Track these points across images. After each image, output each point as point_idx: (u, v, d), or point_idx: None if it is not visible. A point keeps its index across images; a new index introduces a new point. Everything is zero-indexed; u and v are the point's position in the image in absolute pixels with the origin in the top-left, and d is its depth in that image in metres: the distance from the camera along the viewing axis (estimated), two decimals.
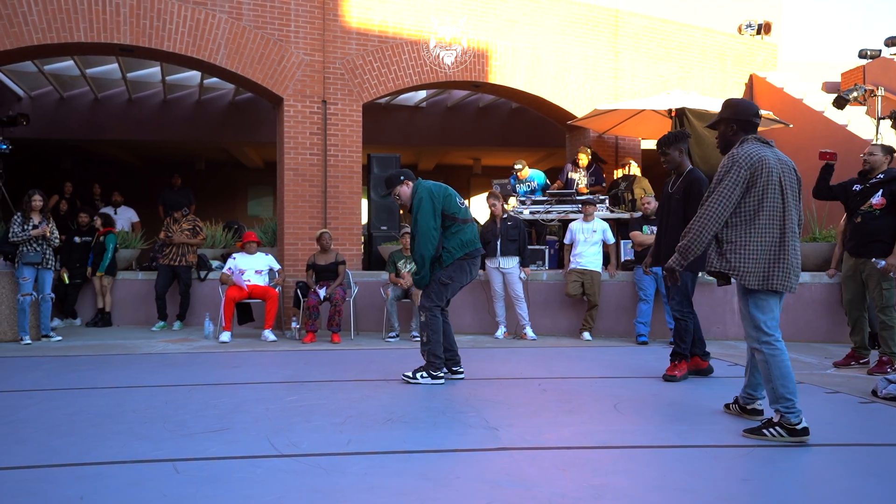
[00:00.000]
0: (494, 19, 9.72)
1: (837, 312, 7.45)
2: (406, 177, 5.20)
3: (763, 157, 3.52)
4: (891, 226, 5.50)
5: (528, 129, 13.61)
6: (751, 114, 3.72)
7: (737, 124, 3.71)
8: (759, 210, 3.51)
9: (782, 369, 3.47)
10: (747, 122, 3.71)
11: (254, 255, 7.91)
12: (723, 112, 3.79)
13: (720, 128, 3.80)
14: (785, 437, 3.45)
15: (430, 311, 5.08)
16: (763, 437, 3.50)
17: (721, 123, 3.79)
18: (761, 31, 12.23)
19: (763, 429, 3.53)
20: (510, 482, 2.88)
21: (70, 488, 2.79)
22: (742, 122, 3.71)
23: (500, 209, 7.79)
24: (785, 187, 3.54)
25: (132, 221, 10.57)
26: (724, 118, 3.76)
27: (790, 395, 3.44)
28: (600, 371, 5.82)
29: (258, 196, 17.46)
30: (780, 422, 3.48)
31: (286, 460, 3.16)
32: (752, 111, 3.73)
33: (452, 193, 5.15)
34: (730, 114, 3.74)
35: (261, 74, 8.67)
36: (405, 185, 5.17)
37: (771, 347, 3.51)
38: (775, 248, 3.50)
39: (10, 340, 7.36)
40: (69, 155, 15.12)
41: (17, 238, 7.24)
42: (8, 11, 7.77)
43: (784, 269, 3.49)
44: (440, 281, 5.08)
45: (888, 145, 5.91)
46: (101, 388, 4.88)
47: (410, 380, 5.01)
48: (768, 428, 3.51)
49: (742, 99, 4.06)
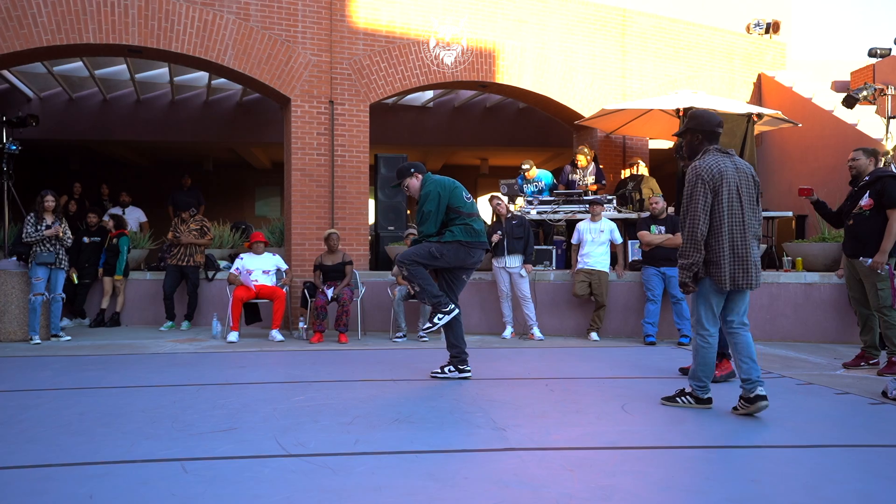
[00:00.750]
0: (502, 19, 9.72)
1: (847, 313, 7.40)
2: (416, 169, 5.28)
3: (722, 168, 3.96)
4: (880, 225, 5.55)
5: (536, 129, 13.59)
6: (714, 124, 4.11)
7: (702, 134, 4.11)
8: (723, 218, 3.95)
9: (707, 359, 4.15)
10: (711, 132, 4.11)
11: (261, 255, 7.93)
12: (689, 123, 4.19)
13: (686, 137, 4.20)
14: (693, 405, 4.22)
15: (410, 265, 5.02)
16: (676, 404, 4.26)
17: (687, 133, 4.19)
18: (770, 30, 12.17)
19: (677, 397, 4.29)
20: (518, 483, 2.88)
21: (79, 487, 2.80)
22: (707, 133, 4.11)
23: (504, 208, 7.78)
24: (742, 195, 3.99)
25: (140, 221, 10.62)
26: (690, 128, 4.16)
27: (704, 378, 4.19)
28: (608, 371, 5.81)
29: (266, 196, 17.51)
30: (692, 393, 4.23)
31: (294, 460, 3.16)
32: (714, 121, 4.12)
33: (460, 187, 5.20)
34: (695, 124, 4.14)
35: (268, 75, 8.69)
36: (415, 177, 5.24)
37: (703, 339, 4.12)
38: (740, 250, 3.98)
39: (20, 340, 7.40)
40: (78, 155, 15.20)
41: (31, 238, 7.29)
42: (18, 13, 7.82)
43: (747, 269, 3.98)
44: (430, 251, 5.03)
45: (870, 148, 6.00)
46: (109, 387, 4.90)
47: (431, 330, 5.16)
48: (681, 396, 4.28)
49: (706, 110, 4.37)
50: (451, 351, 5.23)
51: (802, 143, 10.80)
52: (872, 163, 5.83)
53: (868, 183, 5.69)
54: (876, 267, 5.54)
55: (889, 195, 5.49)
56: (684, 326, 7.26)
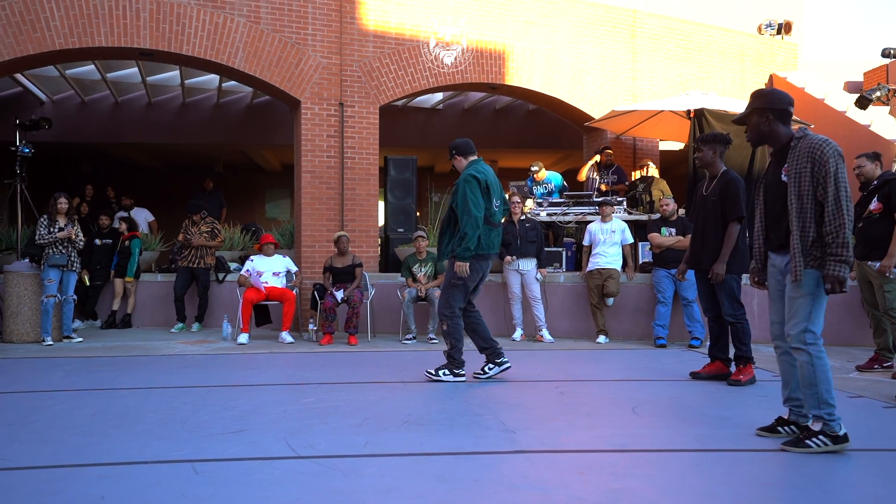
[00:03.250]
0: (511, 21, 9.71)
1: (860, 315, 7.35)
2: (468, 153, 5.21)
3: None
4: (889, 229, 5.54)
5: (545, 131, 13.57)
6: (786, 102, 3.54)
7: (773, 113, 3.51)
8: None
9: (828, 374, 3.36)
10: (784, 111, 3.52)
11: (271, 257, 7.96)
12: (756, 102, 3.58)
13: (752, 118, 3.57)
14: (831, 447, 3.29)
15: (451, 318, 5.17)
16: (809, 449, 3.30)
17: (754, 113, 3.56)
18: (781, 31, 12.09)
19: (807, 440, 3.34)
20: (527, 485, 2.87)
21: (91, 488, 2.82)
22: (778, 112, 3.52)
23: (519, 210, 7.77)
24: None
25: (148, 221, 10.68)
26: (759, 108, 3.55)
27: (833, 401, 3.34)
28: (618, 374, 5.78)
29: (276, 198, 17.57)
30: (823, 431, 3.33)
31: (304, 462, 3.17)
32: (787, 99, 3.55)
33: (494, 190, 5.13)
34: (764, 103, 3.54)
35: (278, 77, 8.73)
36: (462, 159, 5.19)
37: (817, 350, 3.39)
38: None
39: (33, 341, 7.46)
40: (90, 158, 15.31)
41: (44, 240, 7.34)
42: (31, 17, 7.89)
43: None
44: (451, 283, 5.15)
45: (873, 152, 6.00)
46: (121, 388, 4.92)
47: (433, 377, 5.13)
48: (811, 439, 3.33)
49: (772, 88, 3.94)
50: (484, 352, 5.29)
51: None
52: (878, 166, 5.86)
53: (876, 187, 5.69)
54: (884, 271, 5.52)
55: None
56: (695, 329, 7.23)
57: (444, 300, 5.24)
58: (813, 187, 3.34)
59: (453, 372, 5.12)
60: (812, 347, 3.33)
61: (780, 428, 3.60)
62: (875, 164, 5.83)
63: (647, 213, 8.78)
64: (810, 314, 3.33)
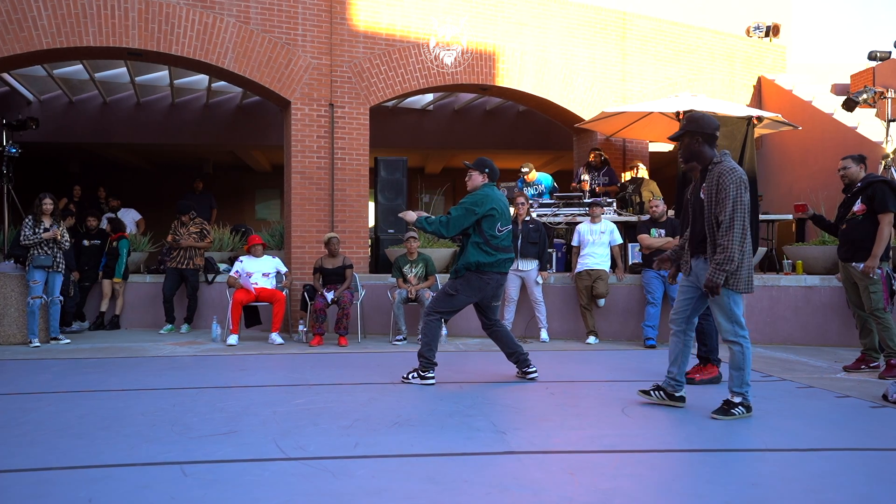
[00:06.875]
0: (503, 22, 9.73)
1: (847, 316, 7.39)
2: (490, 173, 5.19)
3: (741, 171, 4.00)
4: (872, 230, 5.61)
5: (536, 133, 13.60)
6: (714, 127, 4.10)
7: (702, 136, 4.09)
8: (748, 223, 3.94)
9: (749, 362, 4.09)
10: (711, 135, 4.10)
11: (260, 258, 7.93)
12: (688, 125, 4.14)
13: (685, 139, 4.15)
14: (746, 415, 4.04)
15: (430, 317, 5.21)
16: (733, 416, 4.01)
17: (686, 135, 4.14)
18: (770, 34, 12.18)
19: (731, 409, 4.04)
20: (518, 486, 2.87)
21: (80, 490, 2.80)
22: (707, 136, 4.09)
23: (524, 210, 7.78)
24: None
25: (136, 220, 10.62)
26: (690, 130, 4.12)
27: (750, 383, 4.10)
28: (608, 374, 5.80)
29: (266, 199, 17.51)
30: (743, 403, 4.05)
31: (293, 463, 3.16)
32: (714, 125, 4.11)
33: (500, 214, 5.10)
34: (695, 127, 4.11)
35: (268, 78, 8.70)
36: (480, 176, 5.16)
37: (746, 341, 4.06)
38: (749, 256, 4.03)
39: (19, 343, 7.40)
40: (78, 158, 15.20)
41: (29, 241, 7.28)
42: (18, 16, 7.82)
43: (752, 274, 4.05)
44: (446, 291, 5.22)
45: (859, 154, 6.07)
46: (109, 390, 4.89)
47: (405, 380, 5.18)
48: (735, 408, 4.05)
49: (704, 113, 4.42)
50: (511, 359, 5.35)
51: (802, 146, 10.81)
52: (863, 168, 5.94)
53: (860, 188, 5.76)
54: (867, 271, 5.61)
55: (880, 200, 5.58)
56: None
57: (433, 300, 5.37)
58: (718, 207, 3.95)
59: (421, 375, 5.11)
60: (743, 340, 4.03)
61: (652, 392, 4.41)
62: (860, 167, 5.90)
63: (637, 215, 8.81)
64: (732, 312, 4.02)
